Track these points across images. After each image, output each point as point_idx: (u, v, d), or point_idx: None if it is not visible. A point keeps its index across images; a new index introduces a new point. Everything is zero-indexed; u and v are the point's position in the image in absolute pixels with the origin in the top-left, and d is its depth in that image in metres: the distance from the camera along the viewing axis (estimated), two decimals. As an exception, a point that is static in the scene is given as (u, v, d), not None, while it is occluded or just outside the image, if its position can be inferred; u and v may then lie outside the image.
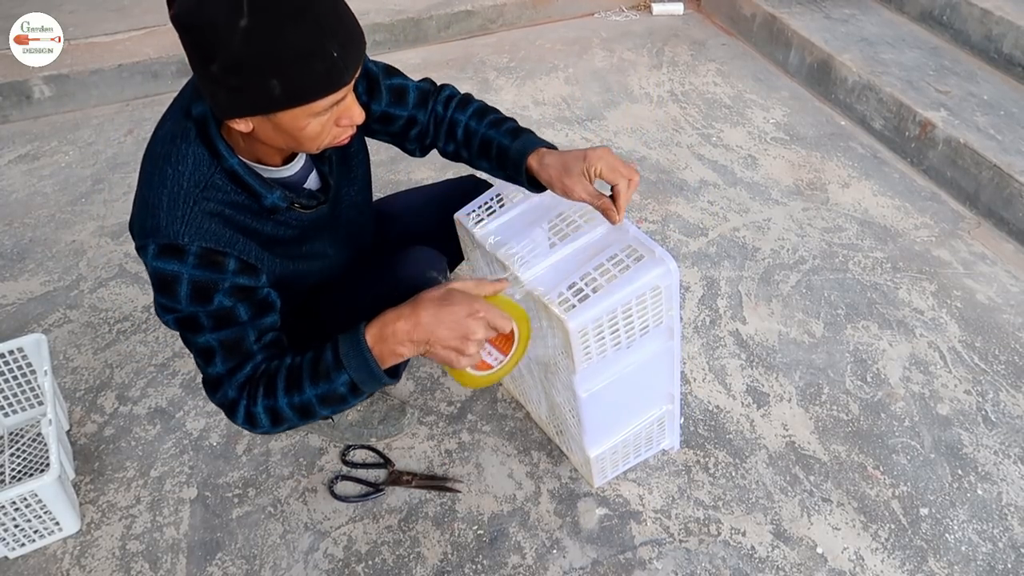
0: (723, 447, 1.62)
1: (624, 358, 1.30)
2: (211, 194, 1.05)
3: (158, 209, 1.03)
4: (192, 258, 1.03)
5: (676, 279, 1.20)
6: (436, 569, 1.41)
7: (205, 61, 0.92)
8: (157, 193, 1.04)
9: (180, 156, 1.04)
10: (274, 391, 1.09)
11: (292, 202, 1.14)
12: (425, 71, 3.13)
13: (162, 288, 1.06)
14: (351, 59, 0.96)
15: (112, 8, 3.29)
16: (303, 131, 1.00)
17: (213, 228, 1.05)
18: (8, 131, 2.80)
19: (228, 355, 1.10)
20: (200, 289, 1.05)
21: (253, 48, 0.89)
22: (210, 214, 1.04)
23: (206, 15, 0.88)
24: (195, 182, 1.04)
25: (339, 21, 0.94)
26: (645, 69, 3.12)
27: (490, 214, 1.35)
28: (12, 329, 1.93)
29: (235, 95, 0.94)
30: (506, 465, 1.59)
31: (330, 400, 1.08)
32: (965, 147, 2.28)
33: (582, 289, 1.17)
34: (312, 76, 0.93)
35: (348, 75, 0.97)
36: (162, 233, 1.02)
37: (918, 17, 3.02)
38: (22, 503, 1.35)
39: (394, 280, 1.30)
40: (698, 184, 2.43)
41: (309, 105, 0.96)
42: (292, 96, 0.94)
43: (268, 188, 1.09)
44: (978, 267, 2.08)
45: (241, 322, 1.10)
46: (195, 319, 1.08)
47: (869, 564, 1.41)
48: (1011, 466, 1.57)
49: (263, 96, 0.93)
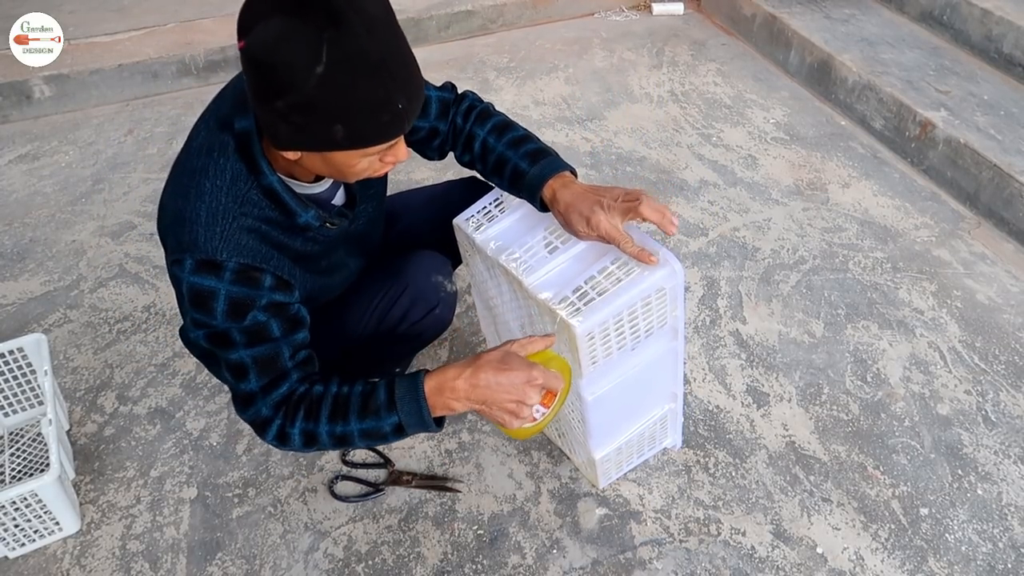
0: (723, 447, 1.62)
1: (629, 360, 1.30)
2: (248, 210, 1.05)
3: (195, 224, 1.02)
4: (230, 274, 1.03)
5: (681, 280, 1.20)
6: (436, 569, 1.41)
7: (271, 96, 0.91)
8: (195, 207, 1.03)
9: (219, 170, 1.04)
10: (317, 417, 1.09)
11: (325, 221, 1.14)
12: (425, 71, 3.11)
13: (198, 304, 1.05)
14: (413, 110, 0.98)
15: (112, 8, 3.29)
16: (351, 168, 1.01)
17: (250, 244, 1.05)
18: (8, 131, 2.81)
19: (262, 372, 1.10)
20: (237, 305, 1.05)
21: (325, 94, 0.89)
22: (247, 230, 1.04)
23: (283, 55, 0.87)
24: (233, 197, 1.03)
25: (409, 76, 0.96)
26: (645, 69, 3.12)
27: (490, 219, 1.35)
28: (12, 329, 1.93)
29: (297, 132, 0.94)
30: (506, 465, 1.59)
31: (371, 436, 1.10)
32: (965, 147, 2.28)
33: (587, 293, 1.17)
34: (376, 126, 0.95)
35: (408, 125, 0.98)
36: (200, 248, 1.02)
37: (918, 17, 3.02)
38: (22, 503, 1.35)
39: (402, 286, 1.31)
40: (698, 184, 2.43)
41: (366, 149, 0.97)
42: (353, 141, 0.96)
43: (303, 207, 1.10)
44: (978, 267, 2.08)
45: (275, 338, 1.09)
46: (227, 335, 1.07)
47: (869, 564, 1.41)
48: (1011, 466, 1.57)
49: (325, 138, 0.94)
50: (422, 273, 1.32)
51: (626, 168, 2.51)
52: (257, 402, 1.11)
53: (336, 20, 0.85)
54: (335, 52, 0.86)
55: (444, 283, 1.32)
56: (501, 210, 1.37)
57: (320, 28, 0.85)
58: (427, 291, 1.31)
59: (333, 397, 1.10)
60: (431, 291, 1.31)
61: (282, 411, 1.11)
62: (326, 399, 1.10)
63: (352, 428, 1.09)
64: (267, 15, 0.86)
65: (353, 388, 1.10)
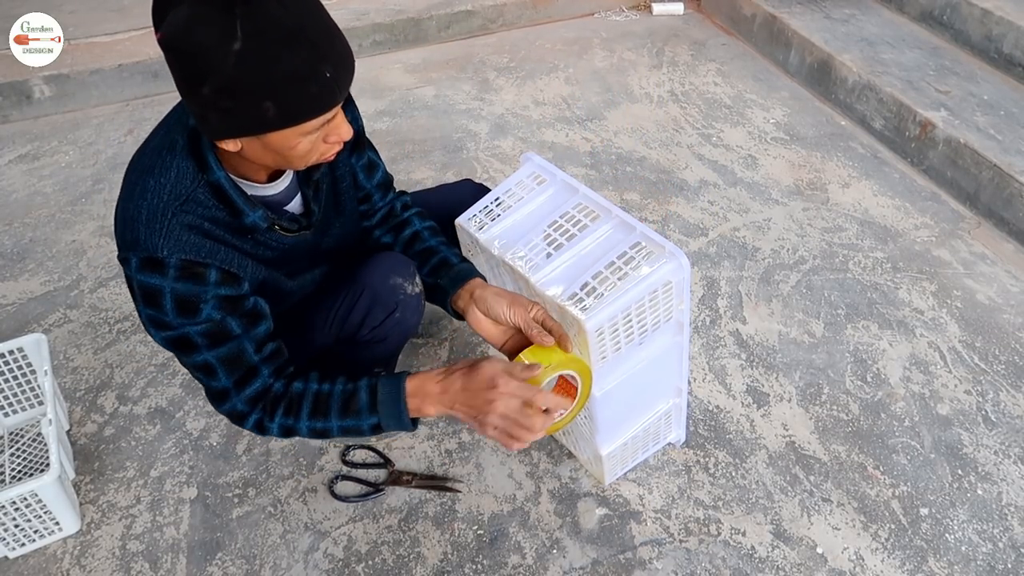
0: (723, 447, 1.62)
1: (635, 355, 1.30)
2: (190, 208, 1.04)
3: (136, 222, 1.02)
4: (173, 271, 1.03)
5: (688, 274, 1.21)
6: (436, 569, 1.41)
7: (195, 84, 0.91)
8: (137, 205, 1.03)
9: (163, 168, 1.04)
10: (298, 413, 1.13)
11: (273, 223, 1.13)
12: (425, 71, 3.14)
13: (148, 301, 1.05)
14: (343, 79, 0.96)
15: (112, 8, 3.29)
16: (293, 150, 1.00)
17: (192, 240, 1.04)
18: (8, 131, 2.80)
19: (230, 369, 1.12)
20: (183, 302, 1.05)
21: (247, 72, 0.88)
22: (189, 227, 1.04)
23: (198, 38, 0.86)
24: (175, 195, 1.03)
25: (331, 43, 0.94)
26: (645, 69, 3.12)
27: (492, 218, 1.35)
28: (12, 329, 1.93)
29: (227, 117, 0.94)
30: (506, 465, 1.59)
31: (351, 432, 1.16)
32: (965, 147, 2.28)
33: (595, 288, 1.17)
34: (306, 98, 0.93)
35: (340, 95, 0.97)
36: (142, 246, 1.02)
37: (918, 17, 3.02)
38: (22, 503, 1.35)
39: (360, 289, 1.29)
40: (698, 184, 2.43)
41: (301, 126, 0.96)
42: (286, 118, 0.94)
43: (251, 206, 1.08)
44: (978, 267, 2.08)
45: (236, 335, 1.10)
46: (188, 339, 1.08)
47: (869, 564, 1.41)
48: (1011, 466, 1.57)
49: (256, 118, 0.93)
50: (380, 275, 1.28)
51: (626, 168, 2.51)
52: (232, 398, 1.13)
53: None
54: (248, 26, 0.86)
55: (404, 284, 1.28)
56: (503, 209, 1.37)
57: (230, 4, 0.85)
58: (384, 294, 1.27)
59: (314, 395, 1.14)
60: (389, 294, 1.27)
61: (259, 406, 1.14)
62: (307, 397, 1.14)
63: (332, 425, 1.14)
64: (177, 1, 0.86)
65: (334, 387, 1.14)
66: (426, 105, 2.89)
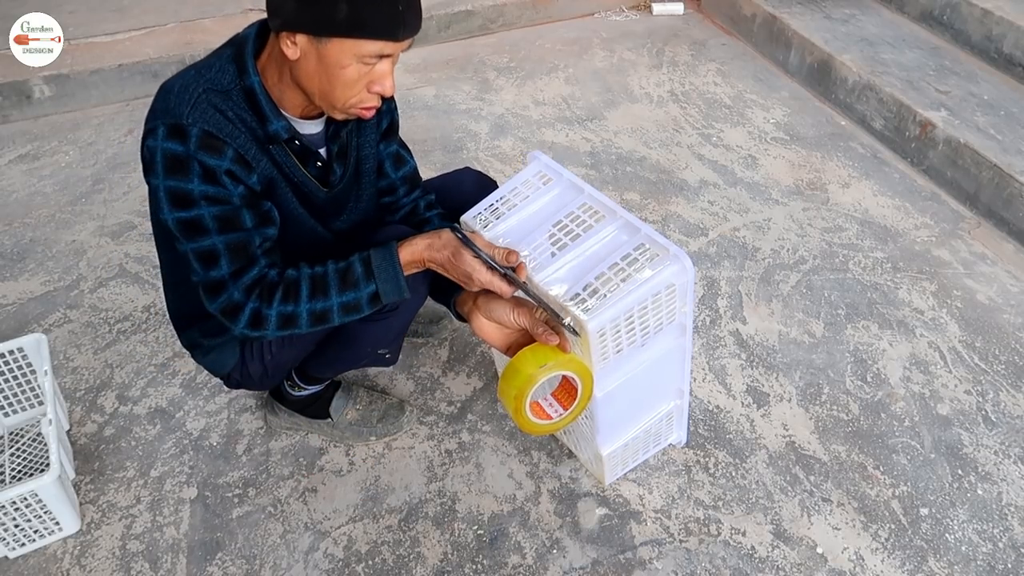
0: (723, 447, 1.62)
1: (638, 356, 1.30)
2: (222, 99, 1.10)
3: (169, 93, 1.10)
4: (194, 140, 1.08)
5: (691, 276, 1.21)
6: (436, 569, 1.41)
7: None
8: (172, 83, 1.12)
9: (207, 65, 1.13)
10: (297, 297, 1.15)
11: (293, 136, 1.18)
12: (425, 71, 3.14)
13: (173, 169, 1.09)
14: (411, 20, 1.06)
15: (112, 8, 3.29)
16: (343, 71, 1.06)
17: (216, 118, 1.10)
18: (8, 131, 2.80)
19: (234, 258, 1.14)
20: (207, 171, 1.09)
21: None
22: (215, 108, 1.10)
23: None
24: (211, 83, 1.11)
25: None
26: (645, 69, 3.12)
27: (497, 216, 1.35)
28: (12, 329, 1.93)
29: (303, 7, 1.02)
30: (506, 465, 1.59)
31: (350, 308, 1.18)
32: (965, 147, 2.28)
33: (598, 289, 1.17)
34: (377, 14, 1.02)
35: (403, 31, 1.05)
36: (170, 113, 1.08)
37: (918, 17, 3.02)
38: (22, 503, 1.35)
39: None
40: (698, 184, 2.43)
41: (361, 42, 1.04)
42: (353, 25, 1.02)
43: (276, 115, 1.14)
44: (978, 267, 2.08)
45: (247, 228, 1.15)
46: (200, 222, 1.11)
47: (869, 564, 1.41)
48: (1011, 466, 1.57)
49: (328, 16, 1.01)
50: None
51: (626, 168, 2.51)
52: (228, 287, 1.15)
53: None
54: None
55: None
56: (508, 207, 1.37)
57: None
58: None
59: (310, 277, 1.16)
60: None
61: (255, 294, 1.15)
62: (303, 279, 1.16)
63: (332, 302, 1.16)
64: None
65: (327, 267, 1.18)
66: (426, 105, 2.89)
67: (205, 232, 1.12)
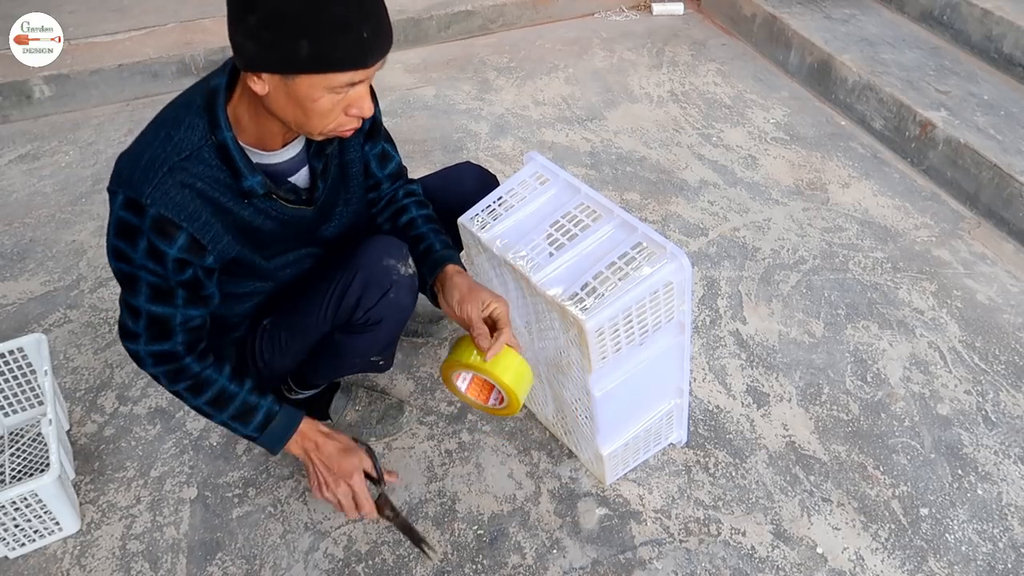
0: (723, 447, 1.62)
1: (636, 355, 1.30)
2: (190, 164, 1.08)
3: (136, 164, 1.07)
4: (149, 220, 1.07)
5: (689, 274, 1.21)
6: (436, 569, 1.41)
7: (245, 11, 0.97)
8: (141, 149, 1.08)
9: (177, 122, 1.09)
10: (198, 394, 1.24)
11: (270, 191, 1.15)
12: (425, 71, 3.14)
13: (123, 234, 1.09)
14: (378, 45, 1.01)
15: (112, 8, 3.29)
16: (315, 103, 1.03)
17: (177, 199, 1.07)
18: (8, 131, 2.80)
19: (150, 325, 1.17)
20: (153, 251, 1.09)
21: (293, 7, 0.94)
22: (181, 184, 1.07)
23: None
24: (179, 150, 1.07)
25: (376, 9, 1.01)
26: (645, 69, 3.12)
27: (494, 217, 1.35)
28: (12, 329, 1.93)
29: (265, 49, 0.98)
30: (506, 465, 1.59)
31: (229, 428, 1.29)
32: (965, 147, 2.28)
33: (596, 288, 1.17)
34: (340, 47, 0.98)
35: (372, 58, 1.01)
36: (132, 186, 1.06)
37: (918, 17, 3.02)
38: (22, 503, 1.35)
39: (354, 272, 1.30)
40: (698, 184, 2.43)
41: (329, 76, 1.00)
42: (317, 61, 0.98)
43: (251, 170, 1.12)
44: (978, 267, 2.08)
45: (175, 304, 1.16)
46: (136, 281, 1.12)
47: (869, 564, 1.41)
48: (1011, 466, 1.57)
49: (290, 55, 0.98)
50: (373, 257, 1.30)
51: (626, 168, 2.51)
52: (139, 343, 1.19)
53: None
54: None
55: (397, 266, 1.29)
56: (505, 209, 1.37)
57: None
58: (379, 274, 1.29)
59: (219, 389, 1.24)
60: (382, 274, 1.29)
61: (163, 367, 1.21)
62: (212, 386, 1.23)
63: (221, 419, 1.26)
64: None
65: (242, 390, 1.25)
66: (426, 105, 2.89)
67: (137, 293, 1.14)
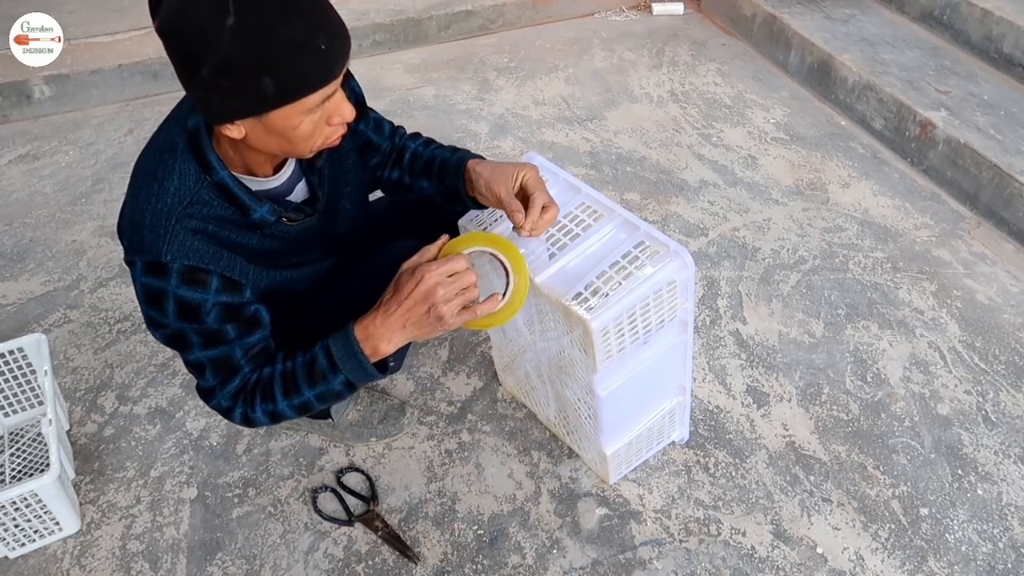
0: (723, 447, 1.62)
1: (640, 354, 1.30)
2: (195, 210, 1.05)
3: (142, 226, 1.04)
4: (175, 276, 1.04)
5: (692, 272, 1.21)
6: (436, 569, 1.41)
7: (195, 66, 0.92)
8: (142, 210, 1.04)
9: (167, 171, 1.05)
10: (272, 396, 1.15)
11: (280, 216, 1.14)
12: (425, 71, 3.14)
13: (151, 302, 1.07)
14: (339, 52, 0.97)
15: (112, 8, 3.29)
16: (296, 130, 1.00)
17: (196, 246, 1.05)
18: (8, 131, 2.80)
19: (217, 371, 1.15)
20: (185, 307, 1.06)
21: (242, 46, 0.89)
22: (192, 231, 1.05)
23: (191, 18, 0.87)
24: (179, 198, 1.04)
25: (325, 15, 0.95)
26: (645, 69, 3.12)
27: (494, 218, 1.35)
28: (12, 329, 1.93)
29: (228, 97, 0.94)
30: (506, 465, 1.59)
31: (327, 397, 1.16)
32: (965, 147, 2.28)
33: (600, 288, 1.17)
34: (303, 70, 0.93)
35: (337, 67, 0.97)
36: (147, 250, 1.03)
37: (918, 17, 3.02)
38: (22, 503, 1.35)
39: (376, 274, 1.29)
40: (698, 184, 2.43)
41: (301, 101, 0.96)
42: (285, 92, 0.94)
43: (257, 202, 1.09)
44: (978, 267, 2.08)
45: (229, 340, 1.13)
46: (184, 337, 1.10)
47: (869, 564, 1.41)
48: (1011, 466, 1.57)
49: (256, 95, 0.93)
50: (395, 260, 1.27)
51: (626, 168, 2.51)
52: (216, 394, 1.17)
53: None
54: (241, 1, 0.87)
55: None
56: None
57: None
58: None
59: (281, 374, 1.15)
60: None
61: (240, 400, 1.17)
62: (275, 378, 1.16)
63: (307, 396, 1.15)
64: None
65: (295, 360, 1.16)
66: (426, 105, 2.89)
67: (190, 347, 1.12)
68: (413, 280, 1.08)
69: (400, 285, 1.10)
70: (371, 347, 1.11)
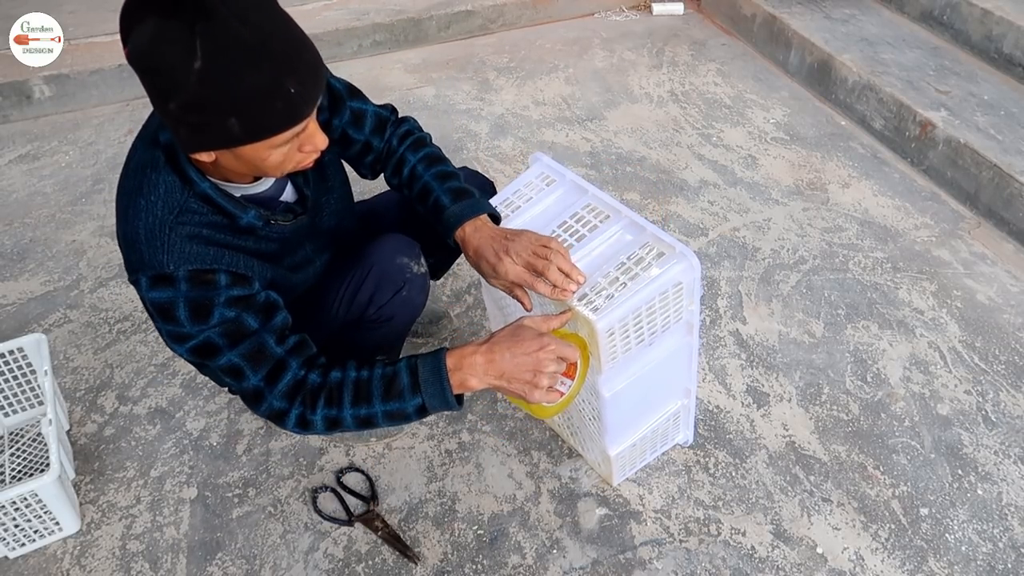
0: (723, 447, 1.62)
1: (645, 355, 1.30)
2: (186, 218, 1.05)
3: (137, 243, 1.03)
4: (183, 283, 1.03)
5: (698, 274, 1.21)
6: (436, 569, 1.41)
7: (163, 100, 0.92)
8: (134, 227, 1.04)
9: (151, 185, 1.04)
10: (339, 402, 1.11)
11: (268, 219, 1.14)
12: (425, 71, 3.14)
13: (164, 316, 1.06)
14: (310, 94, 0.96)
15: (112, 8, 3.27)
16: (265, 162, 1.00)
17: (195, 250, 1.05)
18: (8, 131, 2.80)
19: (257, 366, 1.11)
20: (197, 308, 1.05)
21: (210, 90, 0.88)
22: (189, 237, 1.04)
23: (161, 57, 0.87)
24: (169, 208, 1.04)
25: (297, 57, 0.93)
26: (645, 69, 3.12)
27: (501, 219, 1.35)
28: (12, 329, 1.93)
29: (196, 132, 0.94)
30: (506, 465, 1.59)
31: (395, 417, 1.12)
32: (965, 147, 2.28)
33: (606, 289, 1.17)
34: (271, 114, 0.93)
35: (307, 109, 0.97)
36: (148, 265, 1.03)
37: (918, 17, 3.02)
38: (22, 503, 1.35)
39: (367, 269, 1.30)
40: (698, 184, 2.43)
41: (269, 140, 0.96)
42: (252, 133, 0.94)
43: (243, 208, 1.09)
44: (978, 267, 2.08)
45: (254, 331, 1.10)
46: (210, 343, 1.08)
47: (869, 564, 1.41)
48: (1011, 466, 1.57)
49: (223, 134, 0.93)
50: (387, 255, 1.30)
51: (626, 168, 2.51)
52: (266, 396, 1.12)
53: (206, 12, 0.85)
54: (208, 45, 0.85)
55: (410, 264, 1.30)
56: (512, 210, 1.37)
57: (191, 22, 0.84)
58: (392, 272, 1.30)
59: (354, 382, 1.11)
60: (396, 272, 1.30)
61: (298, 399, 1.12)
62: (347, 385, 1.11)
63: (376, 410, 1.11)
64: (142, 18, 0.86)
65: (374, 371, 1.12)
66: (426, 105, 2.89)
67: (219, 350, 1.09)
68: (538, 342, 1.08)
69: (522, 338, 1.08)
70: (460, 379, 1.09)
